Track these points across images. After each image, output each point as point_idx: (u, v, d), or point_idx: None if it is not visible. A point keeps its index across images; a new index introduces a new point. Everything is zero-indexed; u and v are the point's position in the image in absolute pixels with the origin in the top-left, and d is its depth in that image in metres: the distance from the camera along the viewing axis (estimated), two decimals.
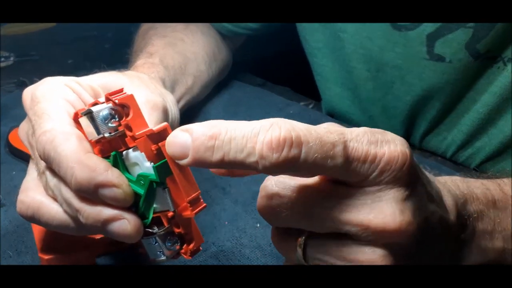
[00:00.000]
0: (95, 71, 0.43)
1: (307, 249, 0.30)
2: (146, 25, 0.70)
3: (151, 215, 0.32)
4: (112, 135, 0.31)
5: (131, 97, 0.31)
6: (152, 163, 0.30)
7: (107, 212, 0.31)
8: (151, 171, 0.30)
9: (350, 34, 0.58)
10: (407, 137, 0.63)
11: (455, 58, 0.52)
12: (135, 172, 0.31)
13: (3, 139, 0.59)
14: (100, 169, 0.31)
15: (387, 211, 0.28)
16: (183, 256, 0.32)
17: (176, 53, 0.63)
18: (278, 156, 0.26)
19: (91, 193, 0.31)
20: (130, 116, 0.30)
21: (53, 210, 0.34)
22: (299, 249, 0.30)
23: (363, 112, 0.64)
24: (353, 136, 0.28)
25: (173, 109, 0.46)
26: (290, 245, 0.31)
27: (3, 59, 0.78)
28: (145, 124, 0.31)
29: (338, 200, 0.29)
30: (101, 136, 0.31)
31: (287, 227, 0.31)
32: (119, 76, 0.42)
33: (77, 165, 0.31)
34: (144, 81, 0.45)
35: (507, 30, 0.49)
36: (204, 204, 0.31)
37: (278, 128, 0.27)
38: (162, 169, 0.30)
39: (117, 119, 0.31)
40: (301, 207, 0.29)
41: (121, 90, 0.32)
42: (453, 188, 0.34)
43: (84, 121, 0.32)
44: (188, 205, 0.30)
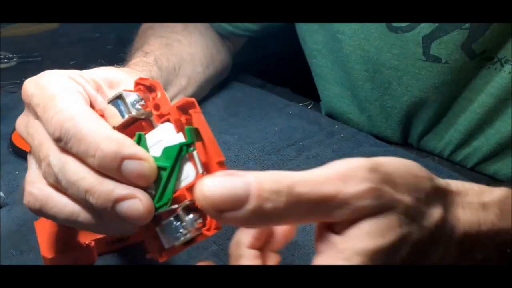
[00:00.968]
0: (91, 66, 0.44)
1: None
2: (145, 25, 0.70)
3: (171, 191, 0.31)
4: (142, 113, 0.33)
5: (158, 82, 0.33)
6: (181, 133, 0.31)
7: (119, 191, 0.30)
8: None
9: (348, 35, 0.59)
10: (405, 137, 0.64)
11: (451, 59, 0.53)
12: (157, 152, 0.32)
13: (5, 139, 0.60)
14: (127, 142, 0.31)
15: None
16: (205, 233, 0.31)
17: (172, 54, 0.63)
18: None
19: (115, 167, 0.30)
20: (158, 96, 0.33)
21: (62, 202, 0.33)
22: None
23: (362, 112, 0.64)
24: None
25: None
26: None
27: (5, 60, 0.79)
28: (169, 105, 0.33)
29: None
30: (130, 116, 0.33)
31: None
32: (117, 70, 0.43)
33: (104, 138, 0.31)
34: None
35: (503, 30, 0.50)
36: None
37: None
38: (193, 133, 0.31)
39: (143, 103, 0.33)
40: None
41: (147, 79, 0.33)
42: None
43: (110, 108, 0.33)
44: (218, 165, 0.30)
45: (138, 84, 0.34)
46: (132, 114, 0.33)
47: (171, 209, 0.31)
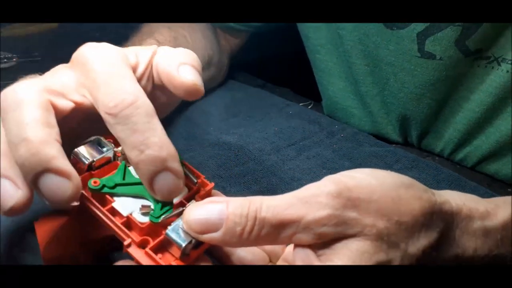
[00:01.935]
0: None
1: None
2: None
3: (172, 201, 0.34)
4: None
5: None
6: None
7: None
8: None
9: (349, 31, 0.59)
10: (405, 135, 0.64)
11: (445, 56, 0.53)
12: None
13: None
14: (52, 155, 0.31)
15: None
16: None
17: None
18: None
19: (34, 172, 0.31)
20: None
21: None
22: None
23: (364, 107, 0.64)
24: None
25: None
26: None
27: (5, 60, 0.79)
28: None
29: None
30: (104, 156, 0.36)
31: None
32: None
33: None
34: None
35: (496, 29, 0.50)
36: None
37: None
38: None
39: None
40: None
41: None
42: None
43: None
44: (205, 180, 0.37)
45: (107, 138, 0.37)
46: (108, 155, 0.36)
47: (176, 214, 0.33)
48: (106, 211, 0.34)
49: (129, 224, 0.34)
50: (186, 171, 0.36)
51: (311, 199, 0.30)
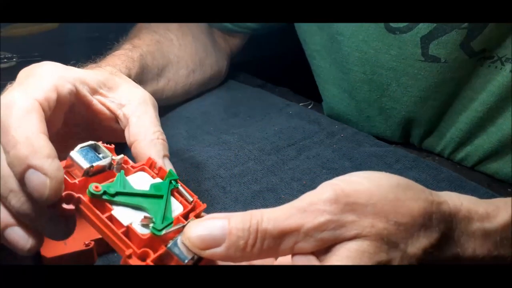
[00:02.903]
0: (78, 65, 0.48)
1: None
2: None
3: (171, 213, 0.35)
4: (112, 163, 0.37)
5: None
6: (158, 178, 0.38)
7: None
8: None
9: (347, 36, 0.59)
10: (406, 137, 0.64)
11: (450, 58, 0.53)
12: (143, 188, 0.36)
13: None
14: (42, 154, 0.33)
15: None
16: None
17: (160, 52, 0.63)
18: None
19: (19, 171, 0.32)
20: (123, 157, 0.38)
21: None
22: None
23: (360, 113, 0.64)
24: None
25: None
26: None
27: (5, 60, 0.79)
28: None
29: None
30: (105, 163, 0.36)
31: None
32: (113, 74, 0.46)
33: (25, 142, 0.33)
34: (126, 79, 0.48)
35: (501, 29, 0.50)
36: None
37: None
38: (174, 174, 0.38)
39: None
40: None
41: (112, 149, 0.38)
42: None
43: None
44: (198, 200, 0.37)
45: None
46: (103, 164, 0.36)
47: (177, 229, 0.33)
48: (105, 218, 0.33)
49: (128, 234, 0.33)
50: (181, 190, 0.37)
51: (309, 207, 0.30)
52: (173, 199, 0.37)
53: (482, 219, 0.33)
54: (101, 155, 0.36)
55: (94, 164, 0.35)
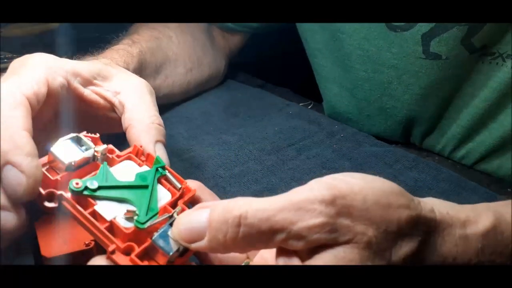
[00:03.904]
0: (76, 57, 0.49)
1: None
2: None
3: (157, 204, 0.34)
4: (98, 155, 0.36)
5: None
6: (145, 165, 0.37)
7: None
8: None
9: (348, 35, 0.59)
10: (406, 136, 0.64)
11: (451, 55, 0.53)
12: (129, 179, 0.35)
13: None
14: (21, 151, 0.33)
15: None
16: None
17: (159, 49, 0.63)
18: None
19: None
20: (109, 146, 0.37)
21: None
22: None
23: (360, 112, 0.64)
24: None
25: None
26: None
27: (5, 60, 0.79)
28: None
29: None
30: (85, 157, 0.35)
31: None
32: (108, 65, 0.46)
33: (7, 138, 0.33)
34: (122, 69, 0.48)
35: (502, 25, 0.50)
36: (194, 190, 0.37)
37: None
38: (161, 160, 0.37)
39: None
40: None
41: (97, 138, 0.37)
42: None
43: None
44: (188, 186, 0.36)
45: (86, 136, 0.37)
46: (88, 156, 0.35)
47: (162, 220, 0.33)
48: (88, 214, 0.32)
49: (112, 229, 0.32)
50: (169, 176, 0.36)
51: (304, 205, 0.29)
52: (160, 187, 0.35)
53: (463, 225, 0.33)
54: (83, 147, 0.35)
55: (77, 159, 0.34)
